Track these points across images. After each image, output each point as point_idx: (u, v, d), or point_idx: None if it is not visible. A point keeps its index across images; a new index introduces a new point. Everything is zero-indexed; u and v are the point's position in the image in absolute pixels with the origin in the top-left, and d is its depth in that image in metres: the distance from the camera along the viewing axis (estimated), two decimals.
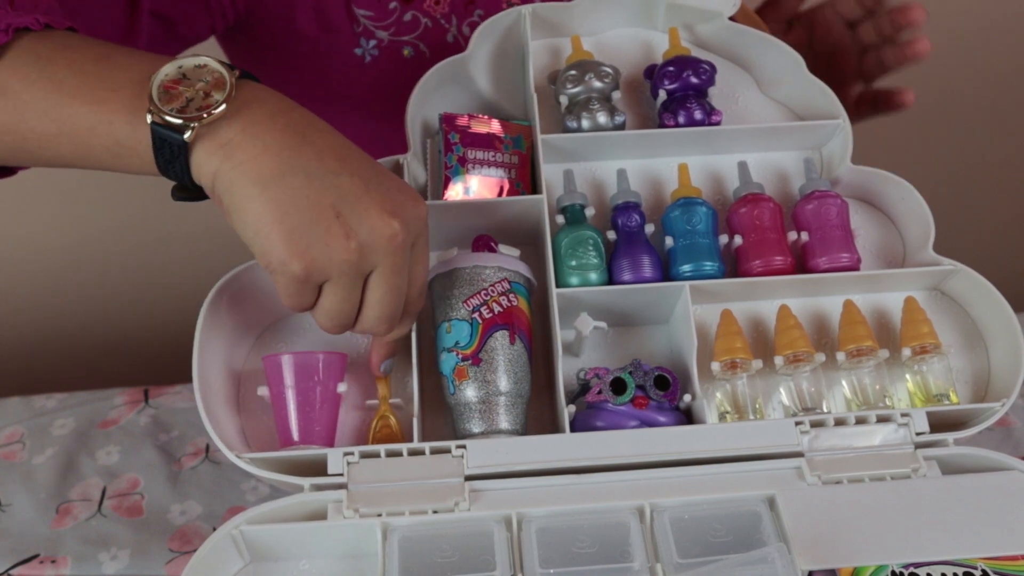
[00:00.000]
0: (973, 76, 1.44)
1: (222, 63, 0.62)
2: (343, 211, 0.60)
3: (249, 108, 0.61)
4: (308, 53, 0.94)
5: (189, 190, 0.64)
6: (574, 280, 0.76)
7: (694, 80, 0.81)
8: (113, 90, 0.62)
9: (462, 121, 0.80)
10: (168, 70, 0.61)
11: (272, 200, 0.59)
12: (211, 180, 0.61)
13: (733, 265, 0.80)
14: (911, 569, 0.65)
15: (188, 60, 0.62)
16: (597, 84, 0.81)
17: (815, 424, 0.72)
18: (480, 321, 0.72)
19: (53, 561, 0.88)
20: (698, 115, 0.81)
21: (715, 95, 0.83)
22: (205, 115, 0.59)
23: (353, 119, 0.98)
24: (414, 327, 0.75)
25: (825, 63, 0.89)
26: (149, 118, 0.60)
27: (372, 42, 0.92)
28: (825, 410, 0.76)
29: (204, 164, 0.60)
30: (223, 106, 0.60)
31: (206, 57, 0.63)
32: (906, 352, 0.77)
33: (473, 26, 0.92)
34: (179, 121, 0.59)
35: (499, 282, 0.74)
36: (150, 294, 1.55)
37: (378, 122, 0.86)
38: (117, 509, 0.93)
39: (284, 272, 0.61)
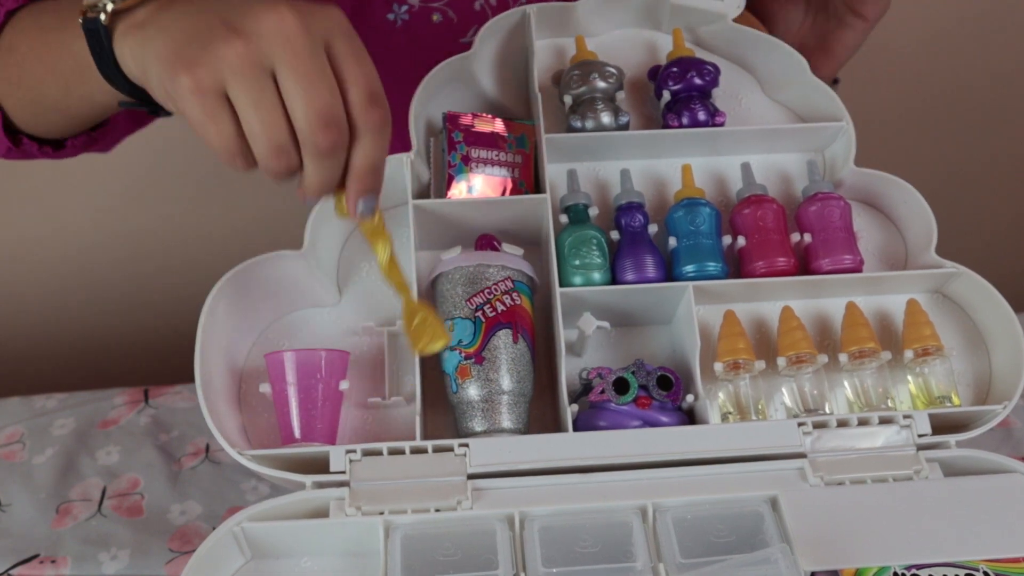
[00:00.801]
0: (974, 77, 1.44)
1: None
2: (228, 17, 0.59)
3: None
4: None
5: (133, 96, 0.66)
6: (577, 280, 0.76)
7: (698, 81, 0.81)
8: (72, 17, 0.65)
9: (466, 120, 0.81)
10: None
11: (164, 38, 0.60)
12: (133, 62, 0.62)
13: (736, 266, 0.80)
14: (913, 571, 0.66)
15: None
16: (601, 84, 0.81)
17: (817, 425, 0.73)
18: (483, 320, 0.72)
19: (53, 561, 0.88)
20: (702, 116, 0.81)
21: (719, 96, 0.83)
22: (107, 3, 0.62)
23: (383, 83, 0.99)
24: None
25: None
26: (80, 20, 0.63)
27: (404, 7, 0.93)
28: (827, 411, 0.76)
29: (123, 46, 0.62)
30: None
31: None
32: (908, 354, 0.77)
33: None
34: (97, 7, 0.62)
35: (502, 281, 0.74)
36: (150, 294, 1.55)
37: (404, 87, 0.87)
38: (117, 509, 0.93)
39: (178, 90, 0.58)
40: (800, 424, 0.72)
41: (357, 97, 0.60)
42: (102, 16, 0.62)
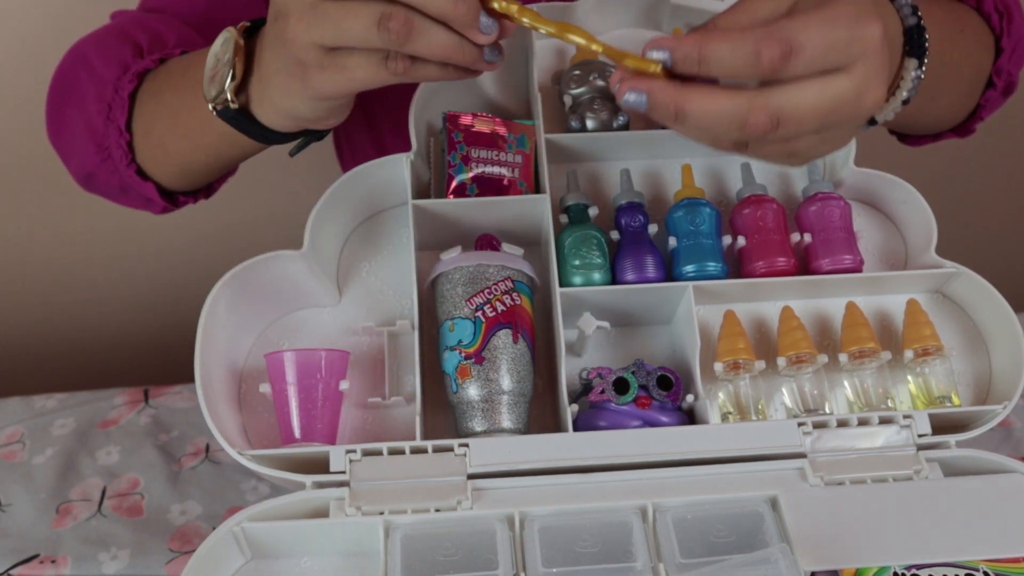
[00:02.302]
0: None
1: (235, 28, 0.70)
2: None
3: (258, 54, 0.68)
4: None
5: (301, 138, 0.74)
6: (577, 280, 0.76)
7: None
8: (196, 94, 0.72)
9: (465, 120, 0.80)
10: (209, 63, 0.71)
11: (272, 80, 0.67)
12: (278, 117, 0.69)
13: (736, 266, 0.80)
14: (913, 571, 0.66)
15: (215, 44, 0.71)
16: (601, 84, 0.81)
17: (817, 425, 0.73)
18: (483, 320, 0.72)
19: (53, 561, 0.88)
20: None
21: None
22: (228, 91, 0.69)
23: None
24: (416, 326, 0.75)
25: None
26: (213, 112, 0.70)
27: None
28: (827, 411, 0.76)
29: (264, 112, 0.69)
30: (233, 72, 0.69)
31: (225, 32, 0.70)
32: (908, 354, 0.77)
33: None
34: (220, 97, 0.69)
35: (502, 281, 0.74)
36: (150, 294, 1.55)
37: (407, 86, 0.86)
38: (117, 509, 0.93)
39: (302, 86, 0.64)
40: (800, 424, 0.72)
41: None
42: (232, 104, 0.69)
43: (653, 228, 0.79)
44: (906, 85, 0.65)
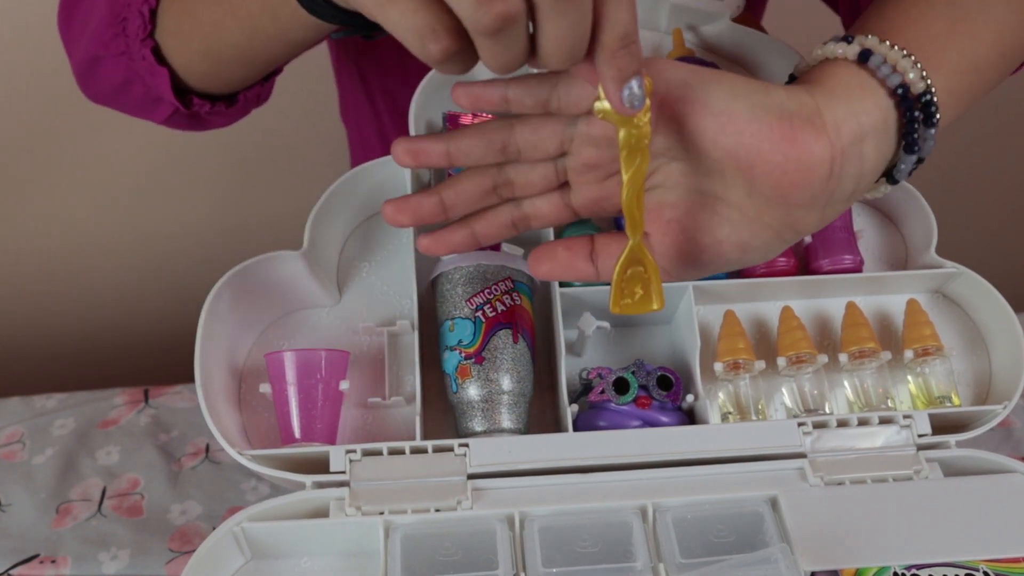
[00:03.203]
0: None
1: None
2: None
3: None
4: None
5: (349, 24, 0.60)
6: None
7: None
8: None
9: (466, 120, 0.80)
10: None
11: None
12: None
13: None
14: (913, 571, 0.65)
15: None
16: None
17: (817, 425, 0.73)
18: (483, 320, 0.72)
19: (53, 561, 0.88)
20: None
21: None
22: None
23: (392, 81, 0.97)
24: (416, 326, 0.75)
25: None
26: None
27: None
28: (827, 411, 0.76)
29: None
30: None
31: None
32: (908, 354, 0.77)
33: None
34: None
35: (502, 281, 0.74)
36: (150, 294, 1.55)
37: (415, 83, 0.85)
38: (117, 509, 0.93)
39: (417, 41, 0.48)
40: (800, 424, 0.72)
41: None
42: None
43: None
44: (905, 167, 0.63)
